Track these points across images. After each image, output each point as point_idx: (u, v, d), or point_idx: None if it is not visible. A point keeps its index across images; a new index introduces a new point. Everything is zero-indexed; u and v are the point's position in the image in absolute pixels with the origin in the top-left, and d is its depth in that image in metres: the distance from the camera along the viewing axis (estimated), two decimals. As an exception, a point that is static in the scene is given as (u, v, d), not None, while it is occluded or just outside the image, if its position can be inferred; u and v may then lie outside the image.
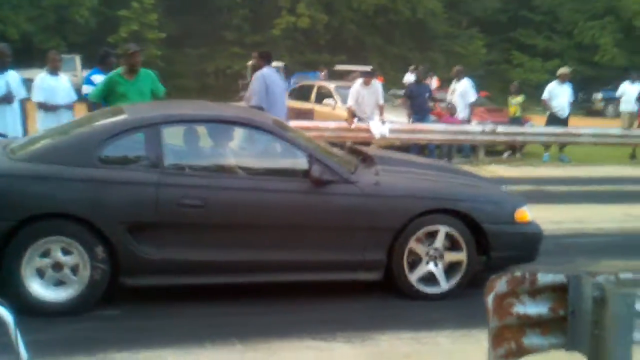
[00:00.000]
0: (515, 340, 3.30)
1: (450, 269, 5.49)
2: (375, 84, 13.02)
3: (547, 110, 15.14)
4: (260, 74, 8.70)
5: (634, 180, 12.33)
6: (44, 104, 8.75)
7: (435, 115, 14.87)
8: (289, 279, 5.36)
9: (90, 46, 25.53)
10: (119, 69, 7.84)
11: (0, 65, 8.22)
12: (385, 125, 12.87)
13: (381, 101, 12.97)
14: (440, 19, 36.02)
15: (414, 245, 5.38)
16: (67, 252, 4.86)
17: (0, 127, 8.02)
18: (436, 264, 5.45)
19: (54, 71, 9.01)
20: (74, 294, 4.89)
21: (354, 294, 5.55)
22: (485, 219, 5.48)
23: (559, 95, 14.79)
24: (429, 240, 5.42)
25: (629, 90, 16.15)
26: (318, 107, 16.33)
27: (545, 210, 6.59)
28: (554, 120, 14.78)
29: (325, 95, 16.45)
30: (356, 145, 8.31)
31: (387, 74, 26.58)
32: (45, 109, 8.76)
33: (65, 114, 8.78)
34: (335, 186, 5.32)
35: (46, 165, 5.00)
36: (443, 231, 5.41)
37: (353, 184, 5.39)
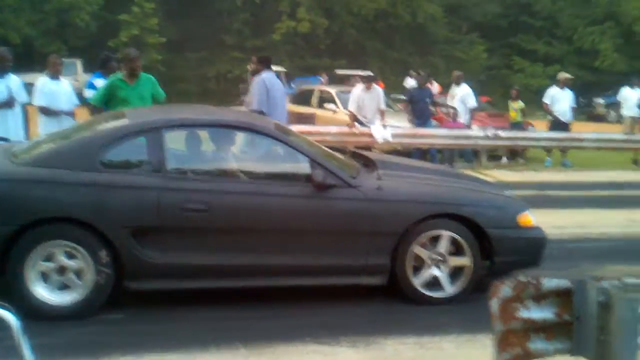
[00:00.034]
0: (521, 345, 3.29)
1: (455, 274, 5.48)
2: (376, 88, 13.04)
3: (549, 114, 15.16)
4: (260, 79, 8.72)
5: (636, 185, 12.35)
6: (45, 109, 8.74)
7: (437, 120, 14.87)
8: (292, 283, 5.36)
9: (91, 50, 25.57)
10: (120, 74, 7.86)
11: (1, 69, 8.22)
12: (387, 129, 12.87)
13: (382, 106, 12.99)
14: (441, 24, 36.07)
15: (417, 249, 5.37)
16: (71, 256, 4.87)
17: (2, 132, 8.01)
18: (440, 269, 5.44)
19: (55, 75, 9.00)
20: (78, 298, 4.89)
21: (358, 298, 5.55)
22: (488, 224, 5.47)
23: (561, 100, 14.82)
24: (432, 244, 5.41)
25: (629, 96, 16.18)
26: (319, 112, 16.34)
27: (548, 215, 6.59)
28: (557, 125, 14.80)
29: (326, 99, 16.46)
30: (358, 149, 8.31)
31: (388, 79, 26.59)
32: (47, 113, 8.75)
33: (67, 119, 8.77)
34: (338, 190, 5.32)
35: (49, 170, 5.01)
36: (446, 236, 5.40)
37: (355, 188, 5.39)
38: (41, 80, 8.95)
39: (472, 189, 6.19)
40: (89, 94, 8.83)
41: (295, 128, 9.29)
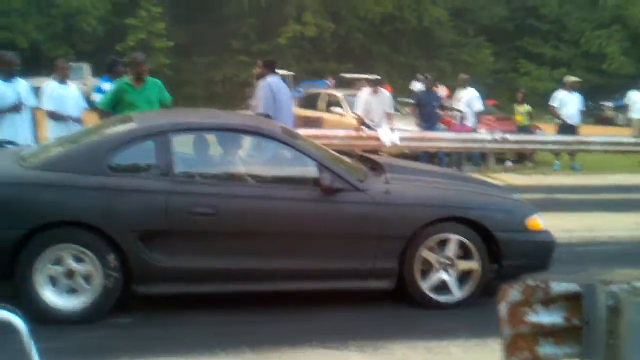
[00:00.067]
0: (530, 350, 3.28)
1: (463, 278, 5.47)
2: (383, 92, 13.04)
3: (556, 117, 15.12)
4: (266, 82, 8.72)
5: (645, 188, 12.29)
6: (53, 113, 8.76)
7: (444, 124, 14.84)
8: (300, 287, 5.34)
9: (98, 54, 25.63)
10: (127, 78, 7.89)
11: (9, 74, 8.23)
12: (395, 133, 12.86)
13: (389, 109, 12.98)
14: (447, 28, 36.04)
15: (425, 253, 5.36)
16: (80, 260, 4.88)
17: (11, 136, 8.01)
18: (448, 273, 5.42)
19: (63, 79, 9.02)
20: (86, 302, 4.90)
21: (366, 302, 5.54)
22: (496, 227, 5.46)
23: (568, 103, 14.79)
24: (440, 248, 5.40)
25: (637, 99, 16.12)
26: (326, 115, 16.34)
27: (557, 218, 6.57)
28: (564, 128, 14.76)
29: (333, 103, 16.46)
30: (365, 153, 8.30)
31: (395, 83, 26.55)
32: (55, 118, 8.77)
33: (75, 123, 8.78)
34: (345, 194, 5.31)
35: (57, 174, 5.03)
36: (454, 239, 5.39)
37: (363, 192, 5.38)
38: (49, 85, 8.97)
39: (480, 192, 6.17)
40: (96, 98, 8.83)
41: (302, 132, 9.30)
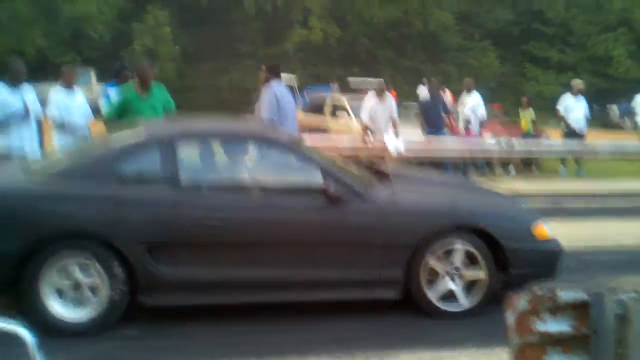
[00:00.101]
0: (538, 358, 3.27)
1: (470, 287, 5.44)
2: (389, 98, 13.01)
3: (562, 122, 15.04)
4: (270, 89, 8.71)
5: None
6: (59, 122, 8.75)
7: (448, 128, 14.80)
8: (306, 297, 5.33)
9: (105, 60, 25.74)
10: (132, 85, 7.90)
11: (15, 82, 8.25)
12: (400, 139, 12.83)
13: (395, 115, 12.95)
14: (453, 32, 36.00)
15: (432, 262, 5.34)
16: (87, 272, 4.87)
17: (17, 143, 8.04)
18: (455, 282, 5.41)
19: (69, 86, 9.00)
20: (93, 314, 4.90)
21: (371, 312, 5.51)
22: (503, 236, 5.43)
23: (575, 109, 14.70)
24: (447, 257, 5.38)
25: None
26: (332, 122, 16.33)
27: (564, 226, 6.53)
28: (571, 134, 14.68)
29: (338, 109, 16.45)
30: (371, 160, 8.29)
31: (400, 88, 26.53)
32: (61, 126, 8.76)
33: (81, 132, 8.78)
34: (352, 203, 5.30)
35: (65, 185, 5.04)
36: (461, 248, 5.37)
37: (369, 201, 5.36)
38: (55, 92, 8.95)
39: (487, 200, 6.17)
40: (103, 104, 8.84)
41: (308, 138, 9.29)
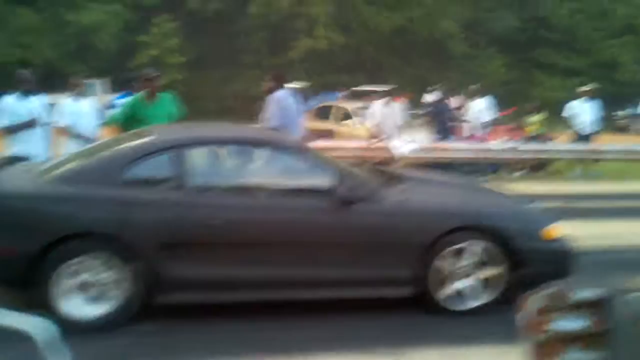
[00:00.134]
0: (554, 357, 3.25)
1: (481, 286, 5.44)
2: (395, 104, 13.05)
3: (570, 127, 15.03)
4: (275, 96, 8.74)
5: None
6: (68, 131, 8.80)
7: (454, 134, 14.82)
8: (319, 295, 5.36)
9: (112, 71, 25.85)
10: (139, 94, 7.97)
11: (24, 92, 8.29)
12: (407, 144, 12.85)
13: (401, 121, 12.98)
14: (458, 39, 36.04)
15: (442, 262, 5.35)
16: (99, 271, 4.93)
17: (25, 152, 8.06)
18: (467, 281, 5.41)
19: (78, 97, 9.10)
20: (106, 312, 4.95)
21: (382, 310, 5.52)
22: (513, 236, 5.43)
23: (582, 113, 14.69)
24: (458, 256, 5.38)
25: None
26: (338, 128, 16.37)
27: (575, 226, 6.51)
28: (580, 139, 14.67)
29: (344, 115, 16.49)
30: (379, 164, 8.30)
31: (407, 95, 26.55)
32: (70, 135, 8.81)
33: (90, 140, 8.81)
34: (362, 205, 5.32)
35: (76, 187, 5.08)
36: (472, 248, 5.37)
37: (379, 202, 5.39)
38: (63, 101, 9.04)
39: (497, 201, 6.18)
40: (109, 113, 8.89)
41: (315, 144, 9.31)
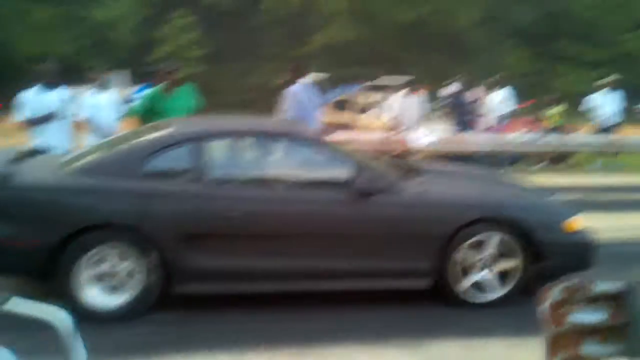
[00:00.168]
0: (573, 349, 3.26)
1: (501, 278, 5.44)
2: (415, 95, 13.02)
3: (590, 120, 14.92)
4: (293, 88, 8.75)
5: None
6: (88, 123, 8.90)
7: (471, 126, 14.74)
8: (337, 287, 5.38)
9: (131, 65, 25.95)
10: (158, 86, 8.02)
11: (48, 83, 8.35)
12: (427, 136, 12.82)
13: (422, 113, 12.95)
14: (479, 31, 35.81)
15: (462, 253, 5.34)
16: (120, 262, 4.99)
17: (47, 144, 8.12)
18: (486, 273, 5.40)
19: (98, 90, 9.21)
20: (127, 301, 5.02)
21: (402, 302, 5.53)
22: (534, 228, 5.41)
23: (603, 105, 14.57)
24: (477, 248, 5.37)
25: None
26: (358, 120, 16.36)
27: (595, 218, 6.46)
28: (601, 131, 14.55)
29: (364, 107, 16.47)
30: (399, 156, 8.29)
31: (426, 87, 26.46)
32: (90, 127, 8.91)
33: (110, 132, 8.89)
34: (381, 196, 5.33)
35: (97, 178, 5.13)
36: (491, 240, 5.36)
37: (399, 194, 5.39)
38: (84, 95, 9.15)
39: (517, 193, 6.17)
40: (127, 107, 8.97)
41: (334, 136, 9.30)
